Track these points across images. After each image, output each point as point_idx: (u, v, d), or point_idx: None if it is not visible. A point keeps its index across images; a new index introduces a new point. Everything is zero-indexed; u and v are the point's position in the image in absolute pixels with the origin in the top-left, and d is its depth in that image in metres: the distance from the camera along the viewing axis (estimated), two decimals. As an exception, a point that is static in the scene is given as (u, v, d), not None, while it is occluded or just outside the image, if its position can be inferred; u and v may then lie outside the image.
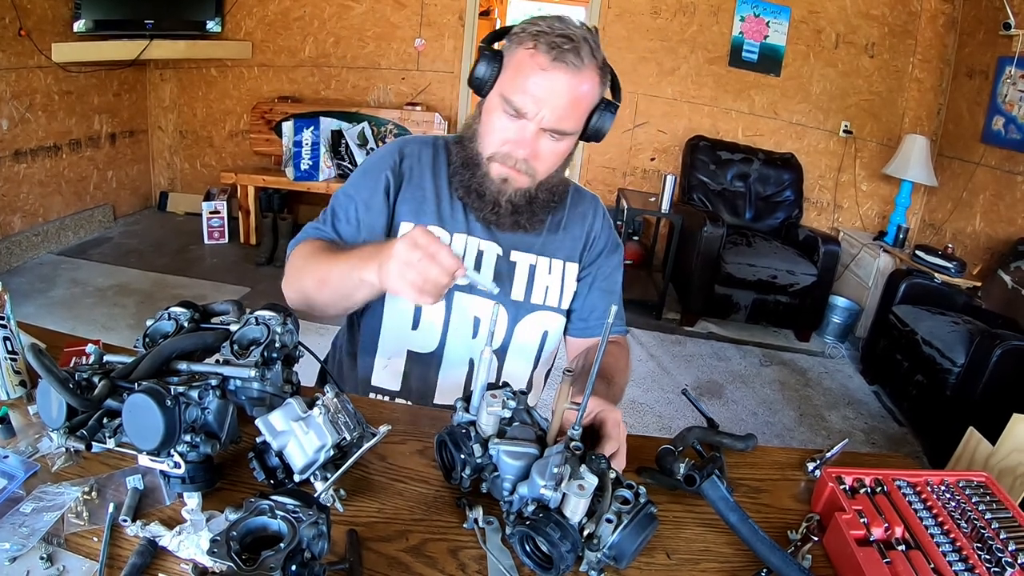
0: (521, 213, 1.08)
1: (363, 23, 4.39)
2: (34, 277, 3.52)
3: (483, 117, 1.06)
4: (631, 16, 4.26)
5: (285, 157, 4.20)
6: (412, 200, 1.12)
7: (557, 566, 0.66)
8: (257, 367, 0.74)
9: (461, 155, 1.10)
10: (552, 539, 0.66)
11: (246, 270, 3.95)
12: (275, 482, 0.75)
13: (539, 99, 0.97)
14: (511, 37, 1.03)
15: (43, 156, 3.76)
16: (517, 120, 1.00)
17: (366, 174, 1.14)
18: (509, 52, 1.02)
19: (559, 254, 1.18)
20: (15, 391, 0.88)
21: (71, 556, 0.64)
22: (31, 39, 3.46)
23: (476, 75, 1.03)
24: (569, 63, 0.97)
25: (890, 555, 0.72)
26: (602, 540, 0.68)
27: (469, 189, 1.08)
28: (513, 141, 1.01)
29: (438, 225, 1.11)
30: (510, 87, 0.99)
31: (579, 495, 0.67)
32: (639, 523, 0.68)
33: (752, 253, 3.75)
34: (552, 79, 0.97)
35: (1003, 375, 2.54)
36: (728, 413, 3.02)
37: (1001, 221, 3.62)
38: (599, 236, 1.22)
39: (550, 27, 0.98)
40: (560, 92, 0.98)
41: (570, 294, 1.19)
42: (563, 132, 1.02)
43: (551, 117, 0.99)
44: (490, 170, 1.05)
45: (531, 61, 0.97)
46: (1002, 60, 3.61)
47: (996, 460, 1.47)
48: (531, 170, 1.04)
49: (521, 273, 1.14)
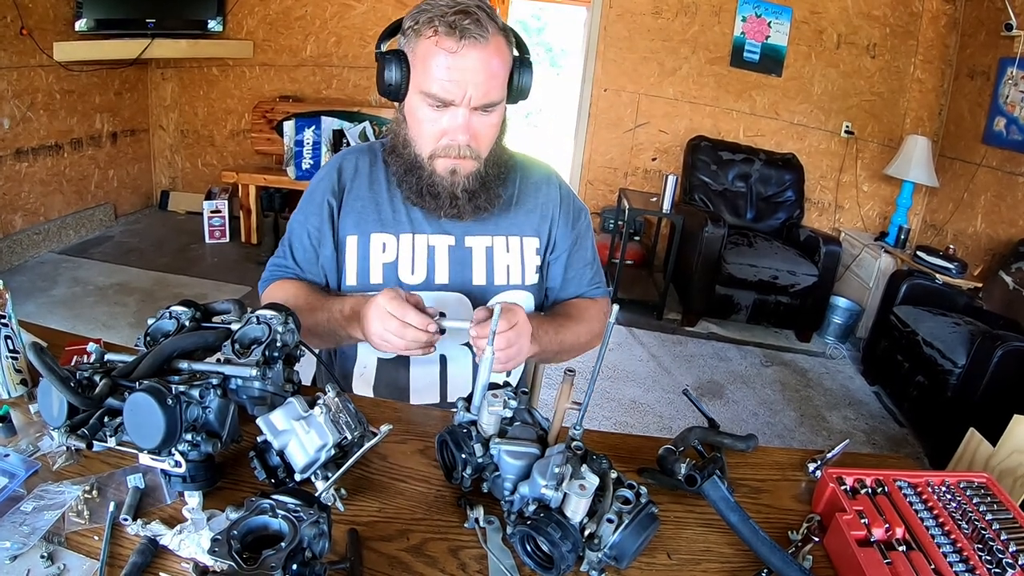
0: (478, 196, 1.07)
1: (364, 22, 4.39)
2: (35, 276, 3.52)
3: (408, 120, 1.04)
4: (632, 16, 4.25)
5: (286, 156, 4.21)
6: (353, 212, 1.13)
7: (558, 566, 0.66)
8: (258, 366, 0.74)
9: (399, 163, 1.08)
10: (553, 539, 0.66)
11: (247, 269, 3.95)
12: (276, 481, 0.75)
13: (460, 82, 0.96)
14: (405, 32, 1.01)
15: (44, 155, 3.76)
16: (445, 110, 0.99)
17: (311, 199, 1.16)
18: (410, 46, 1.00)
19: (514, 230, 1.16)
20: (16, 390, 0.88)
21: (72, 555, 0.64)
22: (33, 38, 3.46)
23: (387, 81, 1.00)
24: (476, 36, 0.94)
25: (891, 556, 0.72)
26: (603, 540, 0.68)
27: (421, 193, 1.07)
28: (449, 131, 1.00)
29: (382, 231, 1.11)
30: (426, 81, 0.97)
31: (580, 495, 0.67)
32: (640, 523, 0.68)
33: (753, 253, 3.75)
34: (466, 59, 0.95)
35: (1004, 376, 2.54)
36: (729, 413, 3.02)
37: (1002, 222, 3.61)
38: (558, 208, 1.20)
39: (440, 7, 0.96)
40: (477, 68, 0.96)
41: (533, 268, 1.18)
42: (493, 104, 1.01)
43: (477, 95, 0.97)
44: (435, 167, 1.04)
45: (437, 48, 0.95)
46: (1003, 61, 3.61)
47: (997, 461, 1.46)
48: (475, 152, 1.03)
49: (479, 257, 1.14)
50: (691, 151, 4.24)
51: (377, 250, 1.12)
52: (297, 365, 0.86)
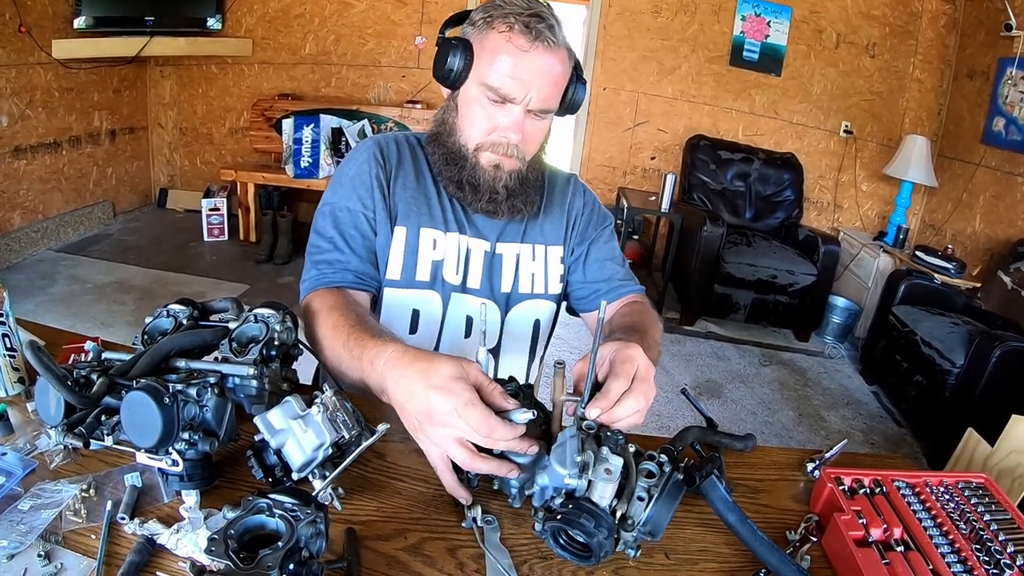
0: (516, 196, 1.06)
1: (364, 21, 4.39)
2: (33, 274, 3.52)
3: (461, 109, 1.03)
4: (632, 15, 4.25)
5: (285, 154, 4.20)
6: (403, 202, 1.08)
7: (596, 554, 0.64)
8: (256, 365, 0.74)
9: (441, 152, 1.06)
10: (588, 529, 0.63)
11: (245, 267, 3.95)
12: (273, 480, 0.74)
13: (524, 82, 0.96)
14: (474, 23, 1.00)
15: (43, 152, 3.76)
16: (502, 106, 0.98)
17: (359, 181, 1.06)
18: (478, 37, 0.99)
19: (541, 239, 1.16)
20: (14, 388, 0.88)
21: (69, 554, 0.64)
22: (31, 36, 3.45)
23: (448, 67, 0.99)
24: (547, 42, 0.95)
25: (889, 556, 0.72)
26: (636, 519, 0.66)
27: (461, 183, 1.05)
28: (501, 128, 0.99)
29: (432, 227, 1.08)
30: (490, 74, 0.96)
31: (607, 480, 0.65)
32: (669, 494, 0.66)
33: (752, 253, 3.75)
34: (534, 60, 0.95)
35: (1002, 376, 2.54)
36: (727, 413, 3.02)
37: (1001, 222, 3.62)
38: (581, 214, 1.20)
39: (516, 6, 0.96)
40: (544, 72, 0.96)
41: (557, 278, 1.17)
42: (548, 111, 1.01)
43: (537, 98, 0.97)
44: (479, 160, 1.03)
45: (509, 44, 0.95)
46: (1003, 61, 3.61)
47: (995, 461, 1.47)
48: (521, 153, 1.02)
49: (508, 264, 1.13)
50: (690, 150, 4.25)
51: (427, 246, 1.08)
52: (295, 364, 0.86)
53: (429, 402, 0.68)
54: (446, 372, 0.69)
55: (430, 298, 1.09)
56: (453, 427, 0.68)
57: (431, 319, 1.10)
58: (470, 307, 1.11)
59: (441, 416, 0.68)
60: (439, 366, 0.69)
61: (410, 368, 0.72)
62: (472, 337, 1.12)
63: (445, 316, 1.10)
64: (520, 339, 1.17)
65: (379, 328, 0.87)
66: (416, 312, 1.09)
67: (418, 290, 1.07)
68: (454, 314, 1.10)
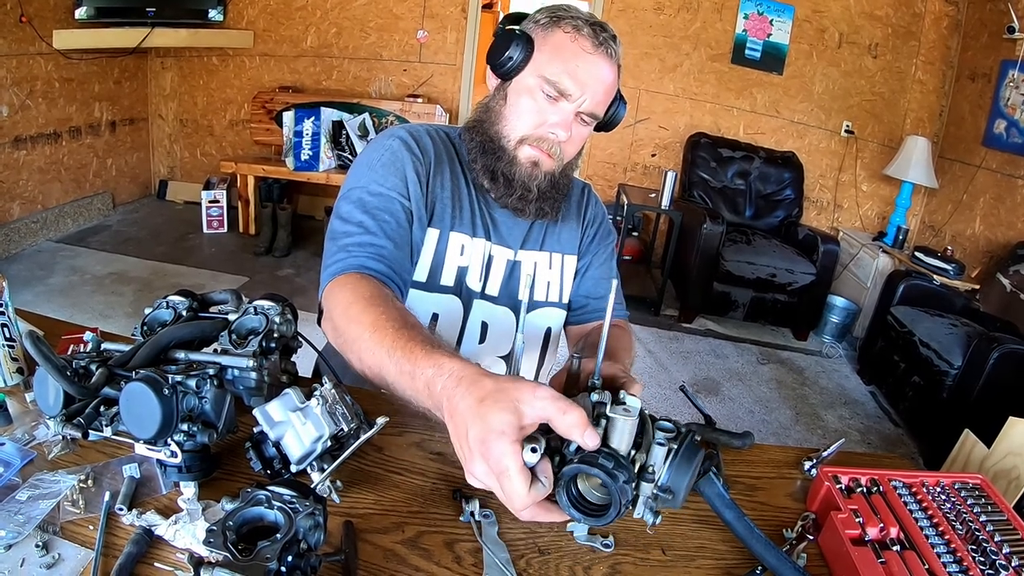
0: (546, 199, 1.06)
1: (365, 14, 4.38)
2: (33, 264, 3.51)
3: (511, 99, 1.02)
4: (634, 12, 4.25)
5: (285, 147, 4.19)
6: (439, 202, 1.04)
7: (617, 500, 0.59)
8: (255, 357, 0.74)
9: (480, 139, 1.05)
10: (607, 469, 0.58)
11: (245, 259, 3.95)
12: (272, 472, 0.75)
13: (583, 83, 0.97)
14: (536, 21, 1.02)
15: (43, 143, 3.74)
16: (555, 102, 0.99)
17: (394, 166, 0.99)
18: (541, 33, 1.00)
19: (558, 247, 1.16)
20: (12, 378, 0.88)
21: (67, 544, 0.64)
22: (32, 26, 3.44)
23: (508, 55, 0.99)
24: (609, 51, 0.98)
25: (885, 555, 0.72)
26: (656, 470, 0.62)
27: (495, 175, 1.03)
28: (551, 124, 0.99)
29: (460, 231, 1.06)
30: (551, 68, 0.97)
31: (627, 416, 0.60)
32: (687, 450, 0.62)
33: (751, 251, 3.75)
34: (595, 64, 0.97)
35: (1000, 378, 2.55)
36: (725, 410, 3.03)
37: (1001, 224, 3.62)
38: (592, 223, 1.21)
39: (578, 14, 0.99)
40: (600, 78, 0.98)
41: (569, 286, 1.18)
42: (595, 117, 1.03)
43: (591, 102, 0.99)
44: (519, 154, 1.02)
45: (574, 45, 0.97)
46: (1005, 63, 3.61)
47: (991, 463, 1.47)
48: (561, 154, 1.03)
49: (526, 272, 1.13)
50: (691, 148, 4.24)
51: (455, 251, 1.06)
52: (294, 356, 0.86)
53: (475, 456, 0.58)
54: (495, 424, 0.57)
55: (452, 303, 1.07)
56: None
57: (451, 324, 1.08)
58: (487, 313, 1.10)
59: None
60: (490, 417, 0.57)
61: (468, 413, 0.59)
62: (485, 343, 1.11)
63: (465, 322, 1.09)
64: (531, 346, 1.17)
65: (428, 336, 0.73)
66: (435, 316, 1.07)
67: (441, 294, 1.06)
68: (473, 320, 1.10)
